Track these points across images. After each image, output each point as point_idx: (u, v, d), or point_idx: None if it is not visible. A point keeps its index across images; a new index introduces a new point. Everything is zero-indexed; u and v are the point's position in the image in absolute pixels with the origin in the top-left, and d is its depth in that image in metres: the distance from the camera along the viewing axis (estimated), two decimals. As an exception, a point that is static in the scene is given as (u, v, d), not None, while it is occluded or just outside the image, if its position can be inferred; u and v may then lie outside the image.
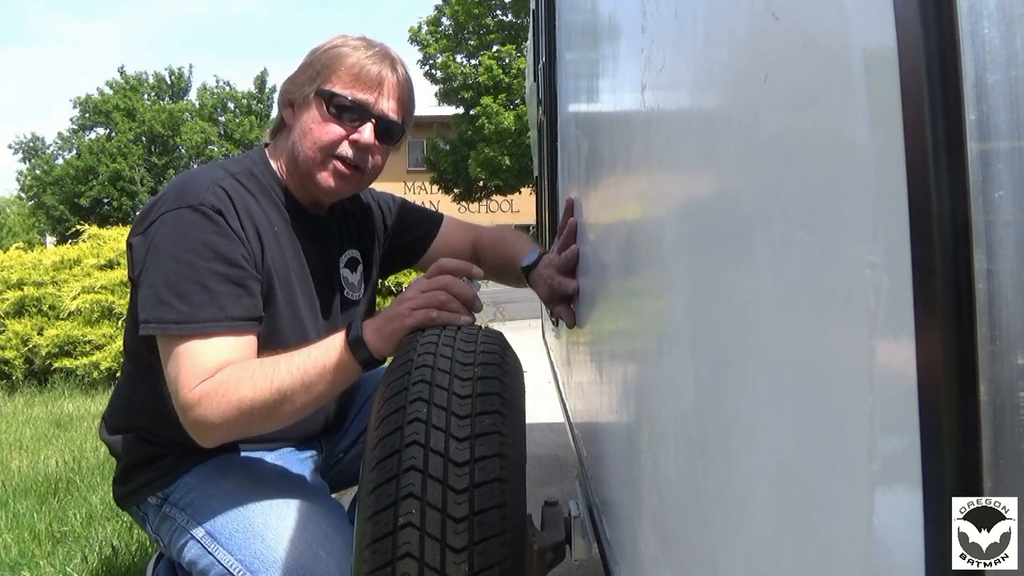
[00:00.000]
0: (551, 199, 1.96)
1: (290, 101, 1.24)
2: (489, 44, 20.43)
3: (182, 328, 1.05)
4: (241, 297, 1.09)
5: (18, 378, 5.43)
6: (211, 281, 1.06)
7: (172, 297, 1.05)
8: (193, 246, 1.07)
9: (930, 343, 0.26)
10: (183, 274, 1.06)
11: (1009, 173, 0.25)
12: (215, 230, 1.09)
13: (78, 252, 5.89)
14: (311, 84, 1.21)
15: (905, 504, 0.28)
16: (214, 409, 1.03)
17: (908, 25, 0.27)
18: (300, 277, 1.24)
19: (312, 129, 1.19)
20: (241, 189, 1.17)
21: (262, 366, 1.04)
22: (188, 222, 1.08)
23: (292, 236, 1.24)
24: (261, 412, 1.04)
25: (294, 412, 1.06)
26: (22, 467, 3.17)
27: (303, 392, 1.04)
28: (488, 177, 20.15)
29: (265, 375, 1.03)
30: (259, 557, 1.08)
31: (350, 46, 1.22)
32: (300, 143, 1.21)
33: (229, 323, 1.07)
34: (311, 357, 1.04)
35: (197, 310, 1.05)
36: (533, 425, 1.38)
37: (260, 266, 1.15)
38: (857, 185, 0.31)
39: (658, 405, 0.67)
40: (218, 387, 1.03)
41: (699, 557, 0.54)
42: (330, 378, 1.05)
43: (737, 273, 0.46)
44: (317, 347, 1.06)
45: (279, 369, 1.03)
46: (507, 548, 0.87)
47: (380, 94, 1.21)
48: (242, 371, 1.04)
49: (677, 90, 0.61)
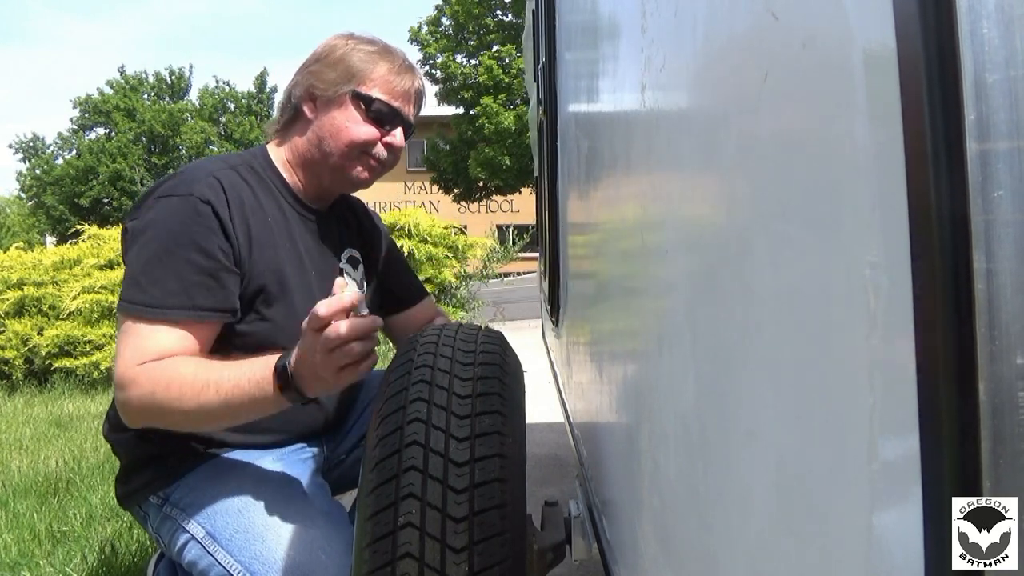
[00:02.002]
0: (551, 199, 1.96)
1: (312, 96, 1.27)
2: (489, 44, 20.44)
3: (149, 311, 1.09)
4: (212, 289, 1.11)
5: (18, 378, 5.44)
6: (185, 270, 1.09)
7: (146, 281, 1.09)
8: (174, 234, 1.11)
9: (930, 343, 0.26)
10: (160, 260, 1.10)
11: (1008, 173, 0.25)
12: (198, 220, 1.11)
13: (78, 252, 5.89)
14: (345, 84, 1.25)
15: (905, 504, 0.28)
16: (138, 399, 1.06)
17: (908, 25, 0.27)
18: (296, 268, 1.25)
19: (348, 128, 1.25)
20: (238, 180, 1.20)
21: (196, 376, 1.04)
22: (174, 210, 1.12)
23: (290, 228, 1.25)
24: (182, 421, 1.08)
25: (218, 428, 1.11)
26: (22, 467, 3.17)
27: (227, 416, 1.07)
28: (488, 177, 20.16)
29: (194, 390, 1.04)
30: (259, 558, 1.08)
31: (377, 52, 1.29)
32: (331, 139, 1.25)
33: (196, 312, 1.10)
34: (240, 387, 1.04)
35: (167, 296, 1.09)
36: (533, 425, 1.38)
37: (244, 257, 1.16)
38: (857, 185, 0.31)
39: (658, 405, 0.67)
40: (150, 380, 1.05)
41: (699, 557, 0.54)
42: (257, 409, 1.06)
43: (737, 273, 0.46)
44: (249, 378, 1.04)
45: (208, 389, 1.04)
46: (507, 548, 0.87)
47: (408, 102, 1.31)
48: (177, 376, 1.05)
49: (677, 90, 0.61)
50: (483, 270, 7.44)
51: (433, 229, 6.50)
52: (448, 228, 6.75)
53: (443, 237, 6.58)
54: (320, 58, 1.29)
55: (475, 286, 7.34)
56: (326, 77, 1.26)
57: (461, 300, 6.81)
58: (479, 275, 7.36)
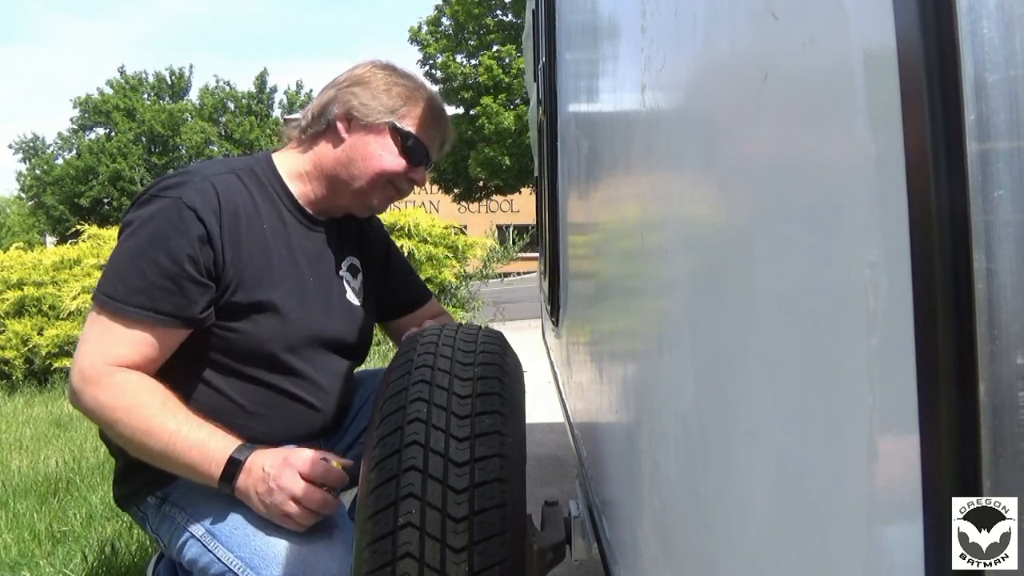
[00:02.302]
0: (551, 199, 1.96)
1: (350, 117, 1.31)
2: (489, 44, 20.45)
3: (111, 304, 1.12)
4: (174, 295, 1.13)
5: (18, 378, 5.43)
6: (152, 272, 1.12)
7: (115, 275, 1.13)
8: (151, 235, 1.13)
9: (929, 343, 0.26)
10: (132, 257, 1.13)
11: (1008, 173, 0.25)
12: (176, 225, 1.13)
13: (78, 252, 5.89)
14: (385, 115, 1.31)
15: (905, 504, 0.28)
16: (89, 400, 1.10)
17: (908, 25, 0.27)
18: (293, 276, 1.25)
19: (381, 156, 1.30)
20: (237, 185, 1.22)
21: (152, 414, 1.09)
22: (159, 211, 1.14)
23: (288, 236, 1.26)
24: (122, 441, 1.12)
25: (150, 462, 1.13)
26: (22, 467, 3.17)
27: (159, 461, 1.11)
28: (488, 177, 20.17)
29: (147, 423, 1.09)
30: (259, 553, 1.09)
31: (417, 88, 1.36)
32: (362, 162, 1.30)
33: (153, 315, 1.12)
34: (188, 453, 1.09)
35: (130, 294, 1.12)
36: (533, 425, 1.38)
37: (229, 264, 1.17)
38: (857, 185, 0.31)
39: (658, 405, 0.67)
40: (109, 389, 1.10)
41: (699, 557, 0.54)
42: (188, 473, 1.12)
43: (737, 273, 0.46)
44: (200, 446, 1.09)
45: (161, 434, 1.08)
46: (507, 548, 0.87)
47: (436, 144, 1.39)
48: (136, 399, 1.10)
49: (677, 90, 0.61)
50: (483, 270, 7.43)
51: (433, 229, 6.50)
52: (448, 228, 6.75)
53: (443, 237, 6.58)
54: (361, 82, 1.33)
55: (475, 286, 7.34)
56: (367, 103, 1.30)
57: (461, 300, 6.81)
58: (479, 275, 7.35)
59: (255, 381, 1.22)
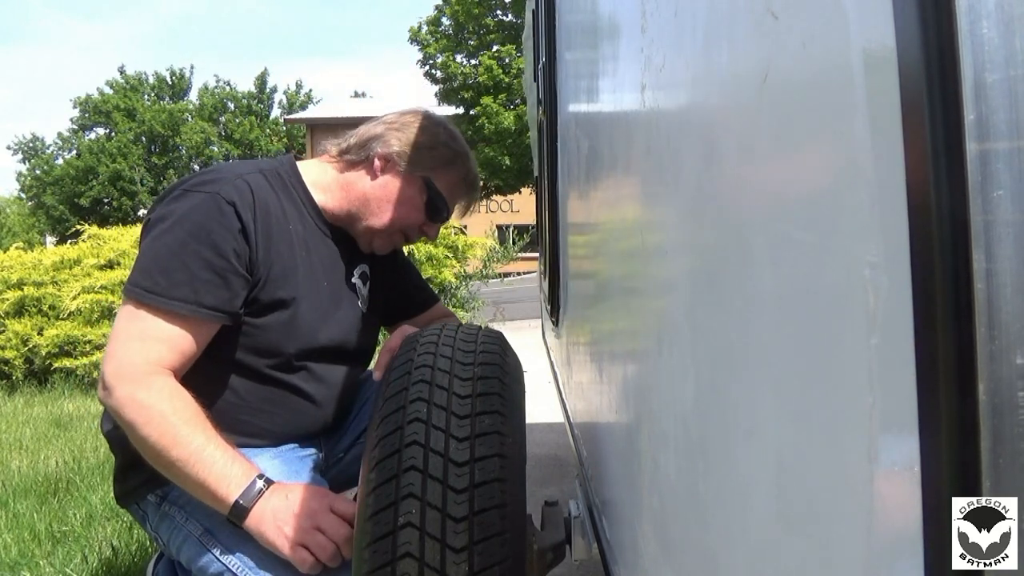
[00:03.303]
0: (551, 199, 1.96)
1: (388, 157, 1.32)
2: (489, 44, 20.44)
3: (151, 298, 1.09)
4: (219, 288, 1.12)
5: (18, 378, 5.43)
6: (195, 265, 1.10)
7: (155, 268, 1.10)
8: (192, 228, 1.12)
9: (929, 343, 0.26)
10: (173, 251, 1.11)
11: (1008, 173, 0.25)
12: (218, 219, 1.12)
13: (78, 252, 5.88)
14: (423, 168, 1.33)
15: (905, 504, 0.28)
16: (126, 399, 1.06)
17: (908, 25, 0.27)
18: (310, 278, 1.27)
19: (403, 204, 1.32)
20: (266, 185, 1.23)
21: (176, 430, 1.06)
22: (197, 205, 1.13)
23: (308, 239, 1.28)
24: (144, 452, 1.08)
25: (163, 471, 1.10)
26: (22, 467, 3.17)
27: (178, 479, 1.08)
28: (488, 177, 20.15)
29: (171, 431, 1.05)
30: (256, 554, 1.09)
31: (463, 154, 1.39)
32: (380, 204, 1.32)
33: (196, 308, 1.10)
34: (206, 474, 1.05)
35: (172, 287, 1.09)
36: (533, 425, 1.38)
37: (261, 261, 1.17)
38: (857, 185, 0.31)
39: (658, 405, 0.67)
40: (147, 391, 1.06)
41: (699, 557, 0.54)
42: (200, 494, 1.08)
43: (737, 273, 0.46)
44: (220, 469, 1.06)
45: (185, 448, 1.05)
46: (507, 548, 0.87)
47: (460, 208, 1.43)
48: (161, 414, 1.06)
49: (677, 90, 0.61)
50: (483, 270, 7.43)
51: (433, 229, 6.48)
52: (448, 228, 6.75)
53: (443, 237, 6.57)
54: (408, 128, 1.35)
55: (475, 286, 7.34)
56: (407, 151, 1.32)
57: (461, 300, 6.81)
58: (479, 275, 7.35)
59: (260, 378, 1.22)
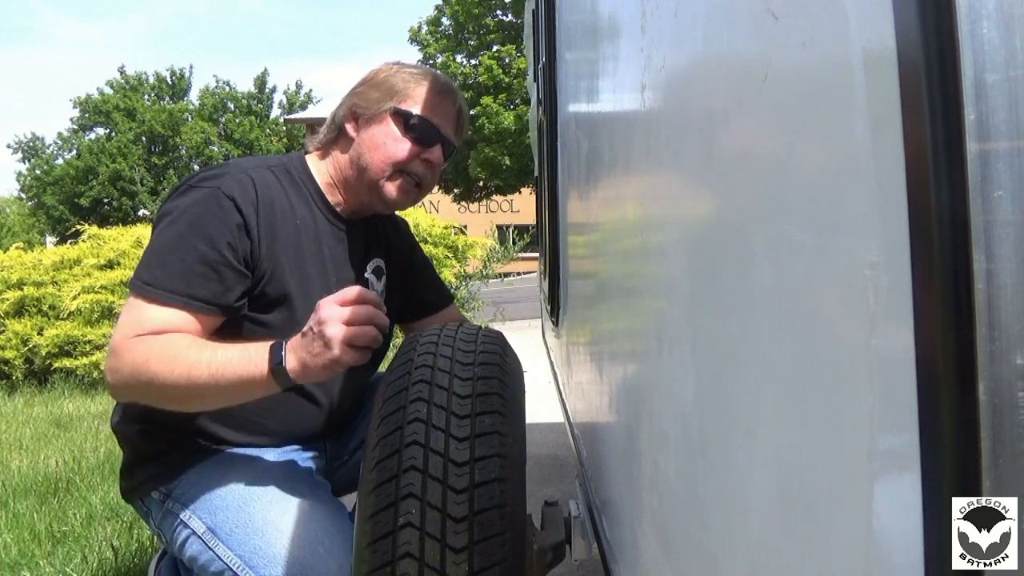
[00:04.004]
0: (551, 199, 1.96)
1: (355, 115, 1.31)
2: (489, 44, 20.44)
3: (148, 290, 1.11)
4: (211, 281, 1.13)
5: (18, 378, 5.43)
6: (190, 258, 1.12)
7: (154, 261, 1.13)
8: (191, 222, 1.13)
9: (929, 343, 0.26)
10: (170, 244, 1.13)
11: (1008, 173, 0.25)
12: (216, 213, 1.14)
13: (78, 252, 5.88)
14: (385, 102, 1.29)
15: (905, 504, 0.28)
16: (127, 368, 1.07)
17: (908, 25, 0.27)
18: (320, 274, 1.27)
19: (386, 143, 1.28)
20: (272, 180, 1.24)
21: (188, 351, 1.06)
22: (197, 199, 1.15)
23: (318, 234, 1.28)
24: (170, 394, 1.08)
25: (205, 406, 1.12)
26: (22, 467, 3.17)
27: (214, 392, 1.07)
28: (488, 177, 20.17)
29: (187, 361, 1.05)
30: (259, 553, 1.09)
31: (420, 73, 1.33)
32: (369, 155, 1.28)
33: (188, 300, 1.11)
34: (232, 363, 1.05)
35: (168, 279, 1.11)
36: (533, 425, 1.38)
37: (264, 255, 1.18)
38: (857, 185, 0.31)
39: (658, 405, 0.67)
40: (142, 352, 1.07)
41: (699, 557, 0.54)
42: (246, 389, 1.07)
43: (737, 273, 0.46)
44: (243, 354, 1.06)
45: (201, 361, 1.05)
46: (507, 548, 0.87)
47: (448, 120, 1.34)
48: (169, 348, 1.07)
49: (677, 90, 0.61)
50: (483, 270, 7.44)
51: (433, 229, 6.51)
52: (448, 228, 6.76)
53: (443, 237, 6.58)
54: (365, 81, 1.34)
55: (475, 286, 7.34)
56: (369, 96, 1.31)
57: (461, 300, 6.81)
58: (479, 275, 7.35)
59: None
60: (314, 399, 1.28)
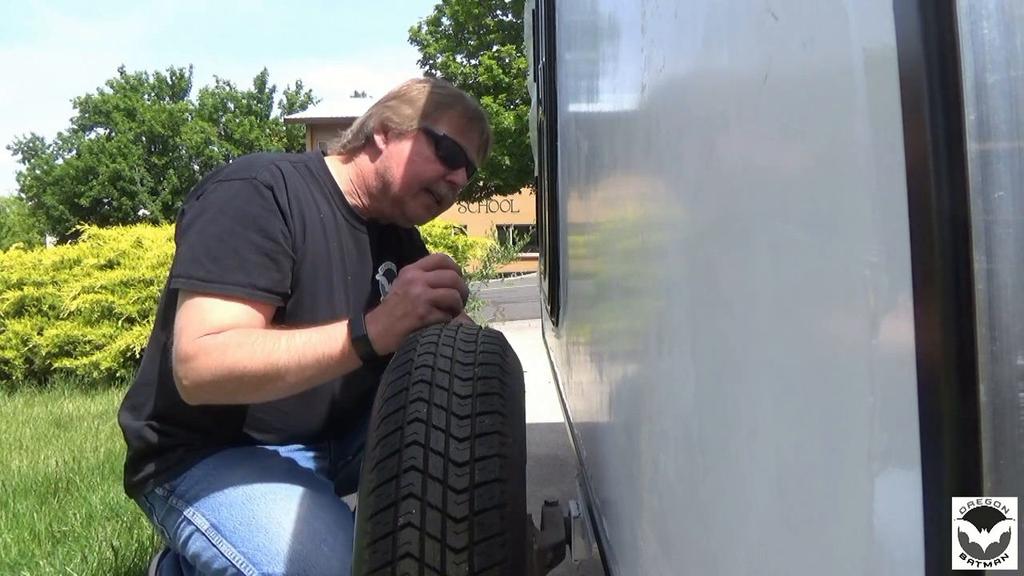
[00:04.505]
0: (551, 199, 1.96)
1: (386, 127, 1.33)
2: (489, 44, 20.44)
3: (207, 286, 1.10)
4: (270, 270, 1.13)
5: (18, 378, 5.43)
6: (245, 249, 1.11)
7: (205, 257, 1.11)
8: (236, 214, 1.13)
9: (930, 343, 0.26)
10: (221, 238, 1.12)
11: (1009, 173, 0.25)
12: (261, 203, 1.14)
13: (78, 252, 5.89)
14: (419, 120, 1.32)
15: (905, 504, 0.28)
16: (207, 366, 1.06)
17: (908, 25, 0.27)
18: (337, 268, 1.28)
19: (415, 161, 1.30)
20: (295, 174, 1.25)
21: (264, 338, 1.07)
22: (237, 192, 1.15)
23: (336, 229, 1.29)
24: (251, 382, 1.07)
25: (284, 389, 1.10)
26: (22, 467, 3.17)
27: (296, 373, 1.07)
28: (488, 177, 20.16)
29: (264, 347, 1.05)
30: (261, 549, 1.09)
31: (454, 95, 1.37)
32: (396, 170, 1.30)
33: (251, 291, 1.11)
34: (311, 342, 1.06)
35: (225, 273, 1.10)
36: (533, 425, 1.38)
37: (298, 245, 1.19)
38: (857, 185, 0.31)
39: (658, 405, 0.67)
40: (218, 346, 1.06)
41: (699, 557, 0.54)
42: (326, 366, 1.07)
43: (737, 273, 0.46)
44: (319, 332, 1.08)
45: (279, 345, 1.06)
46: (507, 548, 0.87)
47: (474, 145, 1.37)
48: (244, 337, 1.07)
49: (677, 90, 0.61)
50: (483, 270, 7.44)
51: (433, 229, 6.51)
52: (448, 228, 6.76)
53: (443, 237, 6.58)
54: (397, 95, 1.35)
55: (475, 286, 7.34)
56: (401, 112, 1.32)
57: (461, 300, 6.80)
58: (479, 275, 7.36)
59: None
60: (318, 397, 1.28)
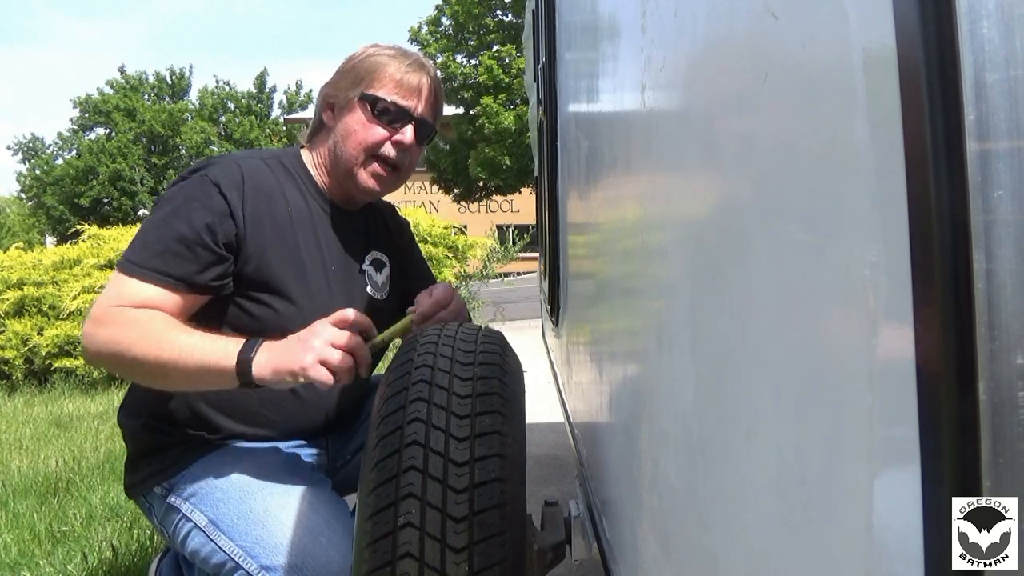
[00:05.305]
0: (551, 199, 1.96)
1: (330, 104, 1.32)
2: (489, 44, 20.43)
3: (129, 267, 1.15)
4: (186, 260, 1.15)
5: (18, 378, 5.44)
6: (168, 237, 1.16)
7: (139, 243, 1.17)
8: (175, 207, 1.18)
9: (929, 343, 0.26)
10: (155, 226, 1.18)
11: (1008, 173, 0.25)
12: (199, 198, 1.17)
13: (78, 252, 5.89)
14: (354, 88, 1.29)
15: (905, 504, 0.28)
16: (101, 337, 1.11)
17: (908, 25, 0.27)
18: (315, 261, 1.28)
19: (356, 130, 1.28)
20: (263, 169, 1.26)
21: (161, 332, 1.09)
22: (184, 187, 1.20)
23: (314, 223, 1.29)
24: (138, 369, 1.11)
25: (168, 386, 1.14)
26: (22, 467, 3.17)
27: (179, 375, 1.09)
28: (488, 177, 20.16)
29: (157, 341, 1.08)
30: (260, 543, 1.10)
31: (388, 55, 1.31)
32: (343, 143, 1.29)
33: (163, 277, 1.14)
34: (201, 348, 1.08)
35: (147, 258, 1.15)
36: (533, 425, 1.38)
37: (249, 241, 1.19)
38: (857, 185, 0.31)
39: (658, 405, 0.67)
40: (119, 323, 1.10)
41: (699, 557, 0.54)
42: (204, 374, 1.09)
43: (737, 273, 0.46)
44: (215, 341, 1.09)
45: (171, 344, 1.08)
46: (507, 548, 0.87)
47: (418, 99, 1.31)
48: (144, 324, 1.10)
49: (677, 90, 0.61)
50: (483, 270, 7.44)
51: (433, 229, 6.51)
52: (448, 228, 6.76)
53: (443, 237, 6.58)
54: (338, 70, 1.33)
55: (475, 286, 7.34)
56: (340, 84, 1.31)
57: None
58: (479, 275, 7.36)
59: None
60: (317, 393, 1.28)
